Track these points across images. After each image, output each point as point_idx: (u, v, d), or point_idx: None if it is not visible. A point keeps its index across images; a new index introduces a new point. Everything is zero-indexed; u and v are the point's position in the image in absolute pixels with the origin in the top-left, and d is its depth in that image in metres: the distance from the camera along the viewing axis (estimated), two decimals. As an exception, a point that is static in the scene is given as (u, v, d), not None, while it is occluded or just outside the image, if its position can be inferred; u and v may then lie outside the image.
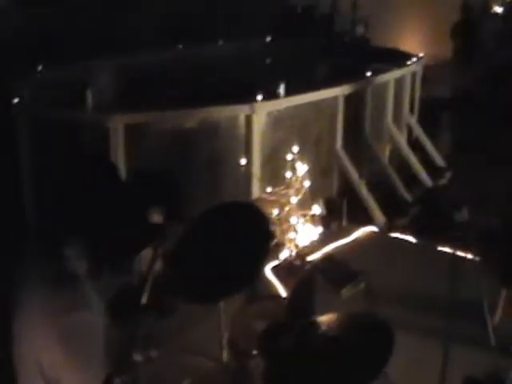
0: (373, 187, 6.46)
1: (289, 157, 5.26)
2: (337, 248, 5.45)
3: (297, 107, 5.89)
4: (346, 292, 4.61)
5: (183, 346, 4.08)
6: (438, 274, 3.44)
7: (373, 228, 5.89)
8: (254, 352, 2.91)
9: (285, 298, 3.61)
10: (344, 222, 5.91)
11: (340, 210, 5.93)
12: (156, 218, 2.56)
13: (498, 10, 14.94)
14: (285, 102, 5.77)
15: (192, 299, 2.93)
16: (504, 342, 4.05)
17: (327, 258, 5.12)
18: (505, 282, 4.34)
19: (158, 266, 3.06)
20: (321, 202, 6.01)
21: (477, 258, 3.79)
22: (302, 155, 5.37)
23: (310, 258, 5.09)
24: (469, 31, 12.80)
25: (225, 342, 3.19)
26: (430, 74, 10.42)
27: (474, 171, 6.19)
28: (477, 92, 8.03)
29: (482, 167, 6.09)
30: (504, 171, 4.06)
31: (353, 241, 5.65)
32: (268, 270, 4.67)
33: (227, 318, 3.15)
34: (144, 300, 2.47)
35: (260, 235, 3.04)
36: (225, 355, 3.23)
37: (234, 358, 3.16)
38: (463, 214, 3.22)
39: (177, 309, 3.08)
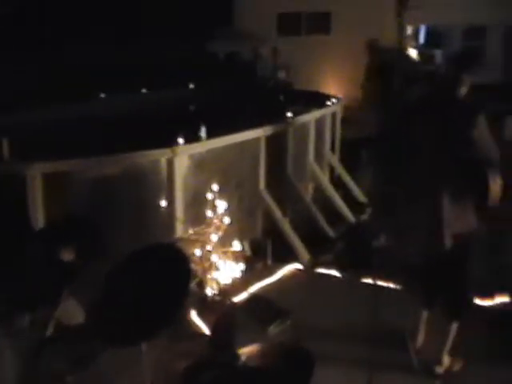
0: (297, 225, 6.56)
1: (209, 196, 5.31)
2: (262, 287, 5.47)
3: (219, 149, 5.95)
4: (273, 329, 4.63)
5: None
6: (361, 305, 3.52)
7: (298, 265, 5.96)
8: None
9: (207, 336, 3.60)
10: (269, 261, 5.95)
11: (265, 250, 5.98)
12: (67, 255, 2.54)
13: (412, 52, 15.74)
14: (206, 145, 5.83)
15: (113, 342, 2.89)
16: (427, 364, 4.17)
17: (253, 297, 5.14)
18: (426, 306, 4.49)
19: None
20: (246, 242, 6.06)
21: (397, 286, 3.90)
22: (224, 196, 5.42)
23: (235, 299, 5.09)
24: (384, 73, 13.35)
25: (148, 385, 3.13)
26: (349, 115, 10.82)
27: (393, 205, 6.40)
28: (391, 131, 8.38)
29: (400, 201, 6.27)
30: (421, 204, 4.22)
31: (278, 279, 5.69)
32: (191, 309, 4.63)
33: (150, 362, 3.09)
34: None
35: (181, 275, 3.06)
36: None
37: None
38: (381, 241, 3.32)
39: (95, 357, 3.03)
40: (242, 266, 4.92)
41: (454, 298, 4.24)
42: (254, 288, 5.41)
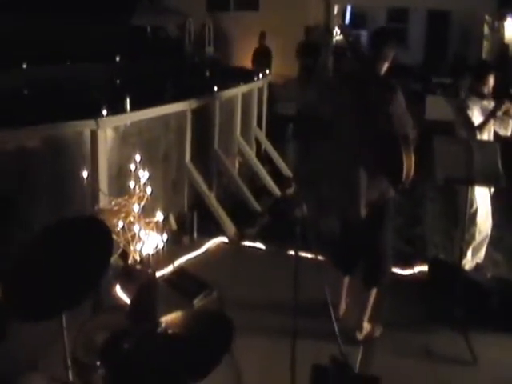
0: (223, 199, 6.56)
1: (132, 167, 5.22)
2: (188, 261, 5.45)
3: (144, 122, 5.85)
4: (197, 302, 4.62)
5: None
6: (285, 276, 3.57)
7: (223, 239, 5.96)
8: (98, 364, 2.82)
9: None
10: (195, 235, 5.93)
11: (191, 223, 5.95)
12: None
13: (338, 31, 15.93)
14: (130, 117, 5.71)
15: (31, 316, 2.81)
16: (348, 331, 4.28)
17: (178, 270, 5.11)
18: (346, 274, 4.63)
19: None
20: (172, 216, 6.01)
21: (319, 256, 3.97)
22: (149, 169, 5.34)
23: (161, 272, 5.05)
24: (312, 51, 13.49)
25: (69, 360, 3.06)
26: (277, 91, 10.88)
27: (313, 178, 6.53)
28: (312, 106, 8.51)
29: (319, 174, 6.36)
30: (339, 176, 4.33)
31: (204, 252, 5.68)
32: (114, 281, 4.56)
33: (71, 335, 3.02)
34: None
35: (102, 246, 2.99)
36: (70, 374, 3.09)
37: (77, 374, 3.03)
38: (303, 211, 3.36)
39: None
40: (165, 237, 4.85)
41: (370, 265, 4.39)
42: (180, 261, 5.38)
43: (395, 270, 5.38)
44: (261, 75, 8.94)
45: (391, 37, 4.35)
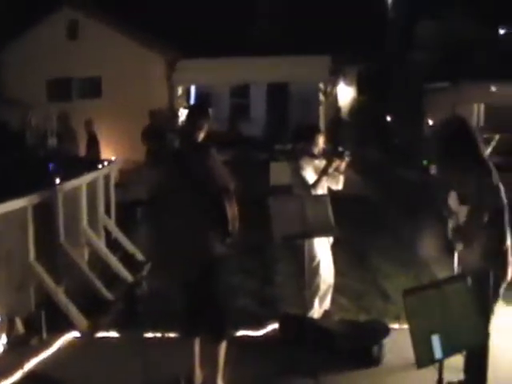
0: (74, 293, 6.41)
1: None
2: (39, 363, 5.23)
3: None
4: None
5: None
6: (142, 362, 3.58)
7: (76, 333, 5.80)
8: None
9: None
10: (44, 335, 5.70)
11: (39, 323, 5.73)
12: None
13: (182, 111, 16.41)
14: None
15: None
16: None
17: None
18: (192, 336, 4.66)
19: None
20: (18, 319, 5.76)
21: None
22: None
23: (9, 380, 4.81)
24: (157, 135, 13.73)
25: None
26: (127, 176, 10.95)
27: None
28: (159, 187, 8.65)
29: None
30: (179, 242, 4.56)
31: (56, 351, 5.48)
32: None
33: None
34: None
35: None
36: None
37: None
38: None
39: None
40: (4, 339, 4.64)
41: (211, 320, 4.55)
42: (30, 365, 5.15)
43: (248, 332, 5.60)
44: (106, 162, 8.98)
45: (204, 111, 4.84)
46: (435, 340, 2.89)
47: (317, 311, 5.78)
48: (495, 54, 22.31)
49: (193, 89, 21.07)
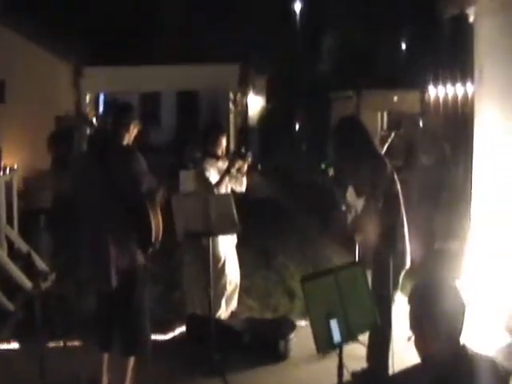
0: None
1: None
2: None
3: None
4: None
5: None
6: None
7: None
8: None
9: None
10: None
11: None
12: None
13: (91, 118, 16.03)
14: None
15: None
16: None
17: None
18: (104, 348, 4.53)
19: None
20: None
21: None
22: None
23: None
24: (64, 139, 13.36)
25: None
26: (30, 184, 10.56)
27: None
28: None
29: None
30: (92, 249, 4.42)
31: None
32: None
33: None
34: None
35: None
36: None
37: None
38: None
39: None
40: None
41: (126, 334, 4.43)
42: None
43: (156, 336, 5.53)
44: (8, 170, 8.61)
45: (130, 110, 4.61)
46: (333, 324, 2.99)
47: (224, 312, 5.81)
48: (398, 65, 23.43)
49: (101, 96, 20.66)
